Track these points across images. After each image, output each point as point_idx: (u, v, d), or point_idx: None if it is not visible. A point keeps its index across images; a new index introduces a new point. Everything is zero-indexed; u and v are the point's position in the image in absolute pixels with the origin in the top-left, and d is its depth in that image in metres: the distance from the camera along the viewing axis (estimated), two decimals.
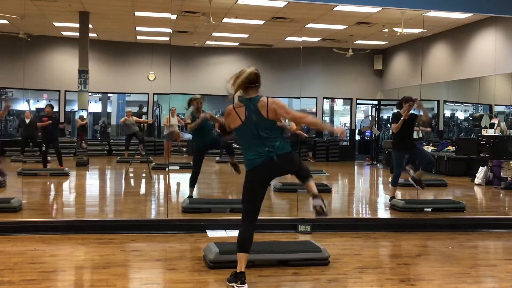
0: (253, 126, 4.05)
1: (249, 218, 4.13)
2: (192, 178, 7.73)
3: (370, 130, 17.18)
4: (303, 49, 15.55)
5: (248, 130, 4.07)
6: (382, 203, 9.06)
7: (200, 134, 7.63)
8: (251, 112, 4.06)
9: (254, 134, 4.05)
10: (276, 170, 4.17)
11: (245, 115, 4.06)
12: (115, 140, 17.77)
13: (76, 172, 12.10)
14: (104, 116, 19.99)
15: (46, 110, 11.94)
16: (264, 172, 4.09)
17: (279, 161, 4.06)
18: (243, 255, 4.06)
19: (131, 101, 20.60)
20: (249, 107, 4.07)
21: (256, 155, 4.05)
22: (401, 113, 7.83)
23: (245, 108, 4.08)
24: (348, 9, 11.98)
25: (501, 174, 10.97)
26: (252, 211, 4.14)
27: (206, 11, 11.99)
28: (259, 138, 4.05)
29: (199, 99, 7.78)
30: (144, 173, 11.90)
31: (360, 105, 19.41)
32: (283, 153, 4.10)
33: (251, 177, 4.12)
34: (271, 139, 4.07)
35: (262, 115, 4.06)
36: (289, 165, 4.18)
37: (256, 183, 4.12)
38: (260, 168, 4.05)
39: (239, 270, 4.03)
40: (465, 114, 18.71)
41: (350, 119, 18.49)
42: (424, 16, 11.20)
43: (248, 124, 4.06)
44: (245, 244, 4.07)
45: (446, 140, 15.40)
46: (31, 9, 12.38)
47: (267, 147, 4.04)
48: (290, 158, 4.19)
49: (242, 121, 4.07)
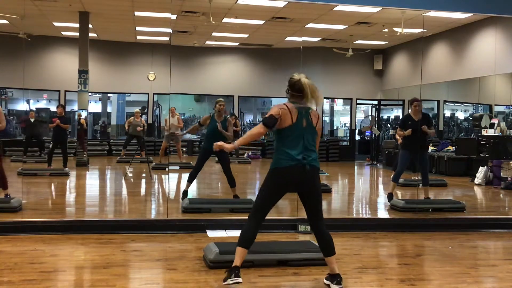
0: (301, 130, 4.06)
1: (258, 215, 4.10)
2: (191, 174, 7.79)
3: (370, 130, 17.19)
4: (303, 49, 15.56)
5: (295, 132, 4.06)
6: (382, 203, 9.05)
7: (210, 137, 7.56)
8: (303, 117, 4.09)
9: (299, 138, 4.05)
10: (303, 180, 4.05)
11: (297, 118, 4.07)
12: (115, 140, 17.78)
13: (76, 172, 12.10)
14: (104, 116, 20.00)
15: (58, 110, 11.99)
16: (290, 176, 4.04)
17: (310, 171, 4.04)
18: (242, 250, 4.04)
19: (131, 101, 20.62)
20: (301, 112, 4.10)
21: (290, 157, 4.02)
22: (410, 115, 7.90)
23: (297, 111, 4.08)
24: (348, 9, 11.99)
25: (501, 174, 10.97)
26: (263, 208, 4.11)
27: (206, 11, 11.99)
28: (301, 144, 4.05)
29: (223, 102, 7.72)
30: (144, 173, 11.91)
31: (360, 105, 19.42)
32: (315, 166, 4.10)
33: (274, 177, 4.08)
34: (311, 148, 4.10)
35: (312, 123, 4.12)
36: (316, 180, 4.13)
37: (278, 184, 4.08)
38: (289, 170, 4.02)
39: (235, 264, 4.00)
40: (465, 114, 18.73)
41: (350, 119, 18.51)
42: (424, 16, 11.21)
43: (297, 126, 4.06)
44: (247, 240, 4.05)
45: (446, 140, 15.42)
46: (31, 9, 12.39)
47: (303, 154, 4.04)
48: (319, 174, 4.18)
49: (292, 122, 4.06)
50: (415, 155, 7.95)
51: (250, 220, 4.12)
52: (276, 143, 4.15)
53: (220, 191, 10.07)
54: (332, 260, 4.13)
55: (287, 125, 4.06)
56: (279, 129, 4.10)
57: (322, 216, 4.20)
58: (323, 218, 4.21)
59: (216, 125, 7.58)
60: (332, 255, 4.13)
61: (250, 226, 4.09)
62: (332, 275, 4.11)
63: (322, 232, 4.17)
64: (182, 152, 14.68)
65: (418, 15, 11.55)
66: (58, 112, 11.94)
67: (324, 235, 4.16)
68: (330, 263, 4.14)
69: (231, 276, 3.95)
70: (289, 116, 4.06)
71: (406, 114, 8.06)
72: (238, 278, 3.95)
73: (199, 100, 21.97)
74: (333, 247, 4.14)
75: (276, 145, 4.15)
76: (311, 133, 4.13)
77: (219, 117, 7.68)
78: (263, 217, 4.14)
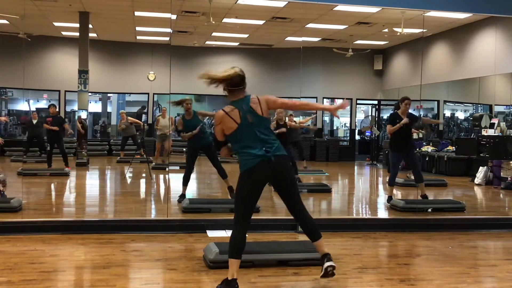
0: (249, 127, 3.93)
1: (242, 221, 3.98)
2: (185, 177, 7.87)
3: (370, 130, 17.19)
4: (303, 49, 15.55)
5: (244, 132, 3.93)
6: (382, 203, 9.05)
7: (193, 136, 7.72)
8: (245, 113, 3.94)
9: (251, 135, 3.93)
10: (272, 172, 3.96)
11: (240, 117, 3.93)
12: (115, 140, 17.77)
13: (76, 172, 12.10)
14: (104, 116, 19.98)
15: (51, 110, 11.97)
16: (260, 174, 3.93)
17: (277, 161, 3.93)
18: (235, 261, 3.90)
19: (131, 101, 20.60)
20: (242, 108, 3.95)
21: (252, 156, 3.91)
22: (398, 113, 7.90)
23: (238, 110, 3.95)
24: (348, 9, 11.98)
25: (501, 174, 10.97)
26: (245, 214, 4.00)
27: (206, 11, 11.99)
28: (256, 139, 3.93)
29: (189, 100, 7.78)
30: (144, 173, 11.91)
31: (360, 105, 19.41)
32: (281, 155, 3.98)
33: (245, 179, 3.96)
34: (269, 140, 3.98)
35: (257, 114, 3.96)
36: (286, 168, 4.02)
37: (251, 185, 3.96)
38: (256, 169, 3.91)
39: (231, 277, 3.87)
40: (465, 114, 18.71)
41: (350, 119, 18.49)
42: (424, 16, 11.20)
43: (245, 125, 3.93)
44: (238, 249, 3.92)
45: (446, 140, 15.41)
46: (31, 9, 12.39)
47: (265, 147, 3.92)
48: (288, 161, 4.09)
49: (238, 124, 3.93)
50: (403, 154, 7.97)
51: (236, 228, 3.98)
52: (234, 147, 4.03)
53: (220, 191, 10.07)
54: (320, 243, 4.11)
55: (234, 128, 3.94)
56: (230, 135, 3.98)
57: (301, 202, 4.12)
58: (302, 203, 4.13)
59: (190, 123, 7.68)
60: (319, 239, 4.10)
61: (237, 233, 3.96)
62: (322, 255, 4.10)
63: (305, 218, 4.11)
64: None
65: (418, 15, 11.54)
66: (51, 111, 11.91)
67: (307, 220, 4.11)
68: (318, 247, 4.13)
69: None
70: (230, 120, 3.93)
71: (394, 112, 8.03)
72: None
73: (199, 100, 21.93)
74: (319, 231, 4.11)
75: (235, 149, 4.04)
76: (262, 123, 3.99)
77: (189, 116, 7.77)
78: (247, 222, 4.02)
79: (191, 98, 7.97)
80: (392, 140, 8.06)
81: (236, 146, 4.02)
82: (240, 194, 4.00)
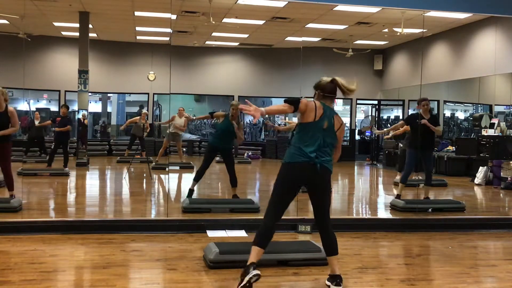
0: (320, 129, 4.02)
1: (273, 211, 4.04)
2: (198, 172, 7.81)
3: (370, 130, 17.18)
4: (303, 49, 15.57)
5: (313, 129, 4.02)
6: (382, 203, 9.05)
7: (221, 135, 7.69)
8: (326, 117, 4.05)
9: (317, 136, 4.02)
10: (312, 177, 4.01)
11: (321, 117, 4.03)
12: (115, 140, 17.78)
13: (76, 172, 12.10)
14: (104, 116, 20.00)
15: (62, 110, 12.00)
16: (300, 171, 4.00)
17: (321, 170, 4.00)
18: (259, 249, 3.94)
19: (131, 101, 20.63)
20: (326, 113, 4.06)
21: (303, 153, 3.99)
22: (420, 114, 7.92)
23: (323, 111, 4.05)
24: (348, 9, 11.99)
25: (501, 174, 10.96)
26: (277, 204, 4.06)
27: (206, 11, 11.99)
28: (318, 143, 4.01)
29: (236, 106, 7.68)
30: (144, 173, 11.91)
31: (360, 105, 19.42)
32: (327, 168, 4.05)
33: (286, 170, 4.05)
34: (327, 150, 4.07)
35: (334, 125, 4.09)
36: (326, 179, 4.09)
37: (290, 177, 4.04)
38: (300, 166, 3.98)
39: (250, 261, 3.89)
40: (465, 114, 18.72)
41: (350, 119, 18.50)
42: (424, 16, 11.21)
43: (318, 125, 4.02)
44: (263, 239, 3.97)
45: (446, 140, 15.40)
46: (31, 9, 12.39)
47: (317, 153, 4.00)
48: (329, 175, 4.14)
49: (314, 119, 4.02)
50: (422, 154, 7.96)
51: (266, 218, 4.06)
52: (294, 137, 4.11)
53: (220, 191, 10.07)
54: (334, 261, 4.11)
55: (310, 120, 4.02)
56: (301, 123, 4.07)
57: (328, 216, 4.18)
58: (329, 217, 4.19)
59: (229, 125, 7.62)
60: (334, 255, 4.11)
61: (265, 223, 4.03)
62: (333, 276, 4.09)
63: (328, 231, 4.14)
64: (182, 152, 14.66)
65: (418, 15, 11.55)
66: (62, 112, 11.96)
67: (329, 234, 4.13)
68: (331, 263, 4.12)
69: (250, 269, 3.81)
70: (313, 113, 4.02)
71: (415, 113, 8.06)
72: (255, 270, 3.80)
73: (199, 100, 21.98)
74: (337, 248, 4.12)
75: (293, 139, 4.11)
76: (331, 136, 4.09)
77: (233, 118, 7.71)
78: (278, 213, 4.07)
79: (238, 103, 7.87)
80: (411, 137, 8.04)
81: (298, 136, 4.08)
82: (279, 183, 4.07)
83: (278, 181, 4.09)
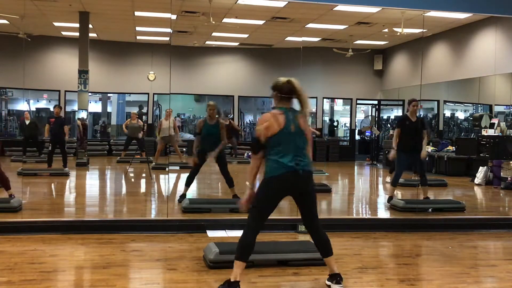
0: (289, 135, 3.96)
1: (255, 226, 3.99)
2: (188, 177, 7.86)
3: (370, 130, 17.19)
4: (303, 49, 15.56)
5: (284, 138, 3.94)
6: (382, 203, 9.05)
7: (205, 140, 7.70)
8: (290, 121, 3.97)
9: (289, 144, 3.95)
10: (296, 184, 3.97)
11: (284, 123, 3.96)
12: (115, 140, 17.78)
13: (76, 172, 12.10)
14: (104, 116, 19.99)
15: (55, 110, 11.98)
16: (284, 183, 3.94)
17: (304, 176, 3.95)
18: (241, 263, 3.90)
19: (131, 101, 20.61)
20: (289, 116, 3.99)
21: (281, 165, 3.92)
22: (407, 116, 7.96)
23: (284, 116, 3.98)
24: (348, 9, 11.99)
25: (501, 174, 10.97)
26: (259, 219, 4.00)
27: (206, 11, 11.99)
28: (291, 149, 3.95)
29: (213, 106, 7.73)
30: (144, 173, 11.91)
31: (360, 105, 19.42)
32: (309, 170, 4.01)
33: (268, 186, 3.98)
34: (303, 153, 4.01)
35: (300, 126, 4.01)
36: (310, 183, 4.05)
37: (274, 192, 3.98)
38: (282, 178, 3.92)
39: (234, 278, 3.86)
40: (465, 114, 18.72)
41: (350, 119, 18.50)
42: (424, 16, 11.21)
43: (286, 132, 3.95)
44: (246, 252, 3.93)
45: (446, 140, 15.41)
46: (31, 9, 12.39)
47: (296, 160, 3.94)
48: (312, 177, 4.10)
49: (280, 128, 3.94)
50: (412, 157, 7.96)
51: (248, 231, 3.98)
52: (270, 151, 3.99)
53: (220, 191, 10.07)
54: (331, 261, 4.11)
55: (275, 131, 3.94)
56: (269, 137, 3.96)
57: (317, 218, 4.15)
58: (318, 219, 4.15)
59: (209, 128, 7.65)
60: (330, 256, 4.11)
61: (247, 236, 3.95)
62: (332, 275, 4.09)
63: (319, 233, 4.12)
64: (182, 152, 14.67)
65: (418, 15, 11.55)
66: (55, 112, 11.92)
67: (321, 236, 4.11)
68: (329, 264, 4.12)
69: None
70: (276, 123, 3.94)
71: (403, 115, 8.08)
72: None
73: (199, 100, 21.96)
74: (331, 248, 4.11)
75: (269, 153, 3.99)
76: (301, 137, 4.02)
77: (211, 121, 7.74)
78: (261, 226, 4.02)
79: (215, 103, 7.89)
80: (402, 141, 8.02)
81: (271, 150, 3.99)
82: (261, 199, 3.99)
83: (261, 196, 3.98)
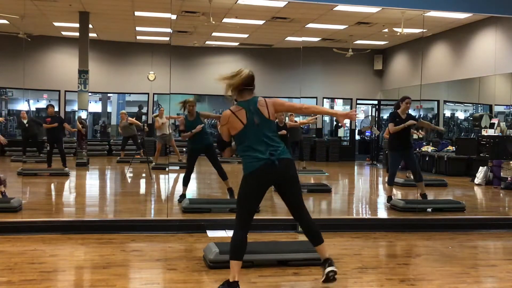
0: (255, 128, 3.91)
1: (243, 224, 3.95)
2: (185, 177, 7.93)
3: (370, 130, 17.18)
4: (303, 49, 15.55)
5: (250, 133, 3.91)
6: (382, 203, 9.05)
7: (193, 137, 7.76)
8: (252, 114, 3.92)
9: (257, 136, 3.91)
10: (276, 175, 3.93)
11: (246, 118, 3.91)
12: (115, 140, 17.77)
13: (76, 172, 12.10)
14: (104, 116, 19.98)
15: (49, 110, 11.97)
16: (263, 177, 3.90)
17: (280, 165, 3.90)
18: (236, 263, 3.88)
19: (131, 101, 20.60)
20: (249, 109, 3.94)
21: (256, 159, 3.88)
22: (398, 113, 7.93)
23: (245, 110, 3.94)
24: (348, 9, 11.99)
25: (501, 174, 10.97)
26: (246, 217, 3.97)
27: (206, 11, 11.99)
28: (261, 141, 3.90)
29: (192, 102, 7.80)
30: (144, 173, 11.91)
31: (360, 105, 19.41)
32: (285, 158, 3.95)
33: (248, 182, 3.94)
34: (275, 142, 3.95)
35: (264, 116, 3.95)
36: (290, 170, 3.98)
37: (254, 188, 3.94)
38: (259, 171, 3.88)
39: (233, 279, 3.85)
40: (465, 114, 18.71)
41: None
42: (424, 16, 11.20)
43: (250, 126, 3.90)
44: (239, 251, 3.90)
45: (446, 140, 15.41)
46: (31, 9, 12.39)
47: (269, 150, 3.89)
48: (292, 164, 4.05)
49: (244, 124, 3.91)
50: (403, 155, 7.98)
51: (237, 230, 3.95)
52: (239, 148, 4.00)
53: (220, 191, 10.07)
54: (322, 248, 4.09)
55: (240, 127, 3.92)
56: (235, 136, 3.96)
57: (304, 206, 4.10)
58: (305, 207, 4.11)
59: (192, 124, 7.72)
60: (320, 243, 4.09)
61: (237, 236, 3.93)
62: (324, 260, 4.09)
63: (307, 221, 4.08)
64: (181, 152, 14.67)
65: (418, 15, 11.54)
66: (49, 112, 11.92)
67: (310, 224, 4.08)
68: (320, 251, 4.11)
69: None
70: (236, 120, 3.92)
71: (394, 112, 8.05)
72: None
73: (199, 100, 21.93)
74: (321, 235, 4.09)
75: (239, 150, 3.99)
76: (268, 126, 3.97)
77: (191, 117, 7.80)
78: (248, 224, 3.99)
79: (194, 99, 7.99)
80: (391, 140, 8.07)
81: (241, 147, 3.98)
82: (242, 197, 3.97)
83: (243, 194, 3.96)
